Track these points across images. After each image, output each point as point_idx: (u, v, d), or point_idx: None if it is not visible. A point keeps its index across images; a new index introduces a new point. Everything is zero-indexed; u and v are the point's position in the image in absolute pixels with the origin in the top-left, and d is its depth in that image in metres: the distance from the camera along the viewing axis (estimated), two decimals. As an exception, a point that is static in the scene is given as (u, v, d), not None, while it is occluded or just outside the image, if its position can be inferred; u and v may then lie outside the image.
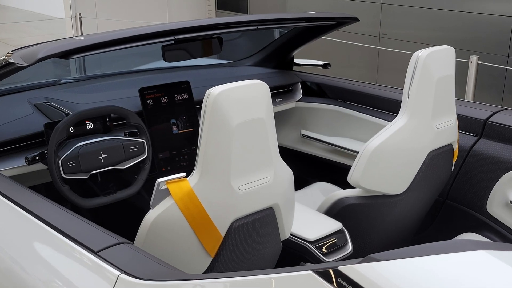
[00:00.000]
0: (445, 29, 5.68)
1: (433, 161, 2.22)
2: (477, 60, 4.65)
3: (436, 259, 1.08)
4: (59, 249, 1.52)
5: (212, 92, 1.57)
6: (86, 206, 2.12)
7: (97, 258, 1.41)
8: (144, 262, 1.41)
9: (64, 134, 2.08)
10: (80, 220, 1.60)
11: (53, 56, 1.90)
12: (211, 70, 3.11)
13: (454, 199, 2.54)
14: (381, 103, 2.80)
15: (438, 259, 1.08)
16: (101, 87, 2.72)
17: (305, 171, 3.17)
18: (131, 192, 2.21)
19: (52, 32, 9.93)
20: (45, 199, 1.73)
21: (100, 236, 1.51)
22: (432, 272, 1.06)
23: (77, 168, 2.07)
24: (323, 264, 1.21)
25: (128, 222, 2.11)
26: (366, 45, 6.19)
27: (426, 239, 2.59)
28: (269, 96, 1.68)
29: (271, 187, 1.72)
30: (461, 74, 4.30)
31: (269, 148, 1.68)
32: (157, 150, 2.48)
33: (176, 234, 1.64)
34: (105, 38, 2.00)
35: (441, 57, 2.14)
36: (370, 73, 6.43)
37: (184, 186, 1.61)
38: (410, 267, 1.08)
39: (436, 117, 2.18)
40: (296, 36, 3.01)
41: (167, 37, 2.15)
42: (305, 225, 2.18)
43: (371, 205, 2.22)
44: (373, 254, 1.12)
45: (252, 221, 1.71)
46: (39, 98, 2.47)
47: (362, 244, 2.28)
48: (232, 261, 1.72)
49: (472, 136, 2.50)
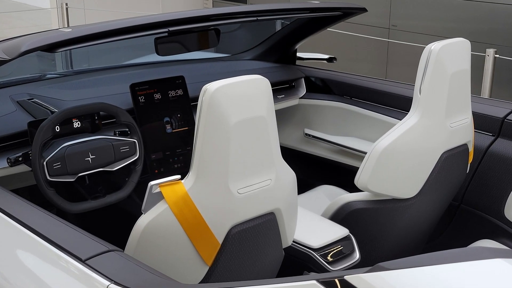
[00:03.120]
0: (459, 20, 5.68)
1: (446, 162, 2.22)
2: (494, 53, 4.65)
3: (450, 268, 1.08)
4: (44, 258, 1.52)
5: (209, 88, 1.57)
6: (73, 211, 2.12)
7: (85, 267, 1.41)
8: (135, 271, 1.41)
9: (49, 134, 2.08)
10: (66, 226, 1.60)
11: (37, 50, 1.90)
12: (208, 65, 3.12)
13: (470, 203, 2.54)
14: (391, 100, 2.81)
15: (452, 268, 1.08)
16: (89, 82, 2.73)
17: (309, 173, 3.17)
18: (121, 196, 2.21)
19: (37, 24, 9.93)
20: (28, 204, 1.73)
21: (88, 244, 1.51)
22: (445, 282, 1.06)
23: (63, 170, 2.07)
24: (328, 273, 1.21)
25: (118, 228, 2.11)
26: (375, 37, 6.19)
27: (439, 246, 2.60)
28: (270, 93, 1.68)
29: (272, 190, 1.72)
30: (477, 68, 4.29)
31: (270, 148, 1.68)
32: (150, 151, 2.48)
33: (170, 241, 1.64)
34: (94, 30, 2.00)
35: (456, 50, 2.14)
36: (379, 68, 6.43)
37: (178, 190, 1.61)
38: (422, 277, 1.08)
39: (450, 115, 2.18)
40: (299, 28, 3.01)
41: (160, 28, 2.16)
42: (309, 232, 2.18)
43: (380, 210, 2.22)
44: (382, 262, 1.13)
45: (251, 227, 1.71)
46: (23, 95, 2.47)
47: (370, 252, 2.28)
48: (230, 270, 1.72)
49: (488, 135, 2.50)
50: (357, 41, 6.35)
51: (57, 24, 7.69)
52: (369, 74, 4.13)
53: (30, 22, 10.26)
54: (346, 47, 6.54)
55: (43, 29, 2.38)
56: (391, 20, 6.28)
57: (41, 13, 9.73)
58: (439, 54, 2.08)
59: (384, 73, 6.39)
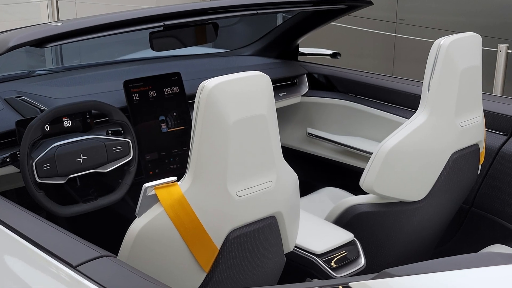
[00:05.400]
0: (470, 14, 5.68)
1: (456, 163, 2.22)
2: (507, 49, 4.65)
3: (460, 274, 1.08)
4: (32, 263, 1.52)
5: (206, 85, 1.57)
6: (63, 215, 2.12)
7: (76, 274, 1.41)
8: (129, 277, 1.41)
9: (38, 133, 2.08)
10: (56, 230, 1.60)
11: (26, 45, 1.90)
12: (205, 61, 3.12)
13: (481, 207, 2.54)
14: (398, 97, 2.81)
15: (463, 275, 1.08)
16: (81, 79, 2.73)
17: (311, 175, 3.17)
18: (114, 198, 2.21)
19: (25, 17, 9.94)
20: (16, 207, 1.73)
21: (79, 249, 1.51)
22: (455, 289, 1.06)
23: (53, 171, 2.07)
24: (332, 280, 1.21)
25: (111, 232, 2.11)
26: (381, 31, 6.19)
27: (449, 251, 2.60)
28: (271, 90, 1.68)
29: (273, 193, 1.72)
30: (489, 64, 4.29)
31: (271, 148, 1.68)
32: (144, 151, 2.48)
33: (166, 246, 1.64)
34: (85, 24, 2.00)
35: (466, 45, 2.14)
36: (385, 64, 6.44)
37: (174, 192, 1.61)
38: (430, 284, 1.08)
39: (460, 113, 2.18)
40: (302, 22, 3.01)
41: (155, 22, 2.16)
42: (311, 236, 2.18)
43: (387, 214, 2.22)
44: (388, 269, 1.13)
45: (251, 231, 1.71)
46: (10, 92, 2.47)
47: (376, 258, 2.28)
48: (229, 277, 1.72)
49: (501, 135, 2.50)
50: (363, 35, 6.35)
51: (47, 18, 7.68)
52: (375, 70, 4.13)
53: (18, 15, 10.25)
54: (350, 42, 6.54)
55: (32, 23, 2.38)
56: (398, 14, 6.28)
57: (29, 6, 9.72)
58: (448, 50, 2.09)
59: (390, 69, 6.39)
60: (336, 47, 3.59)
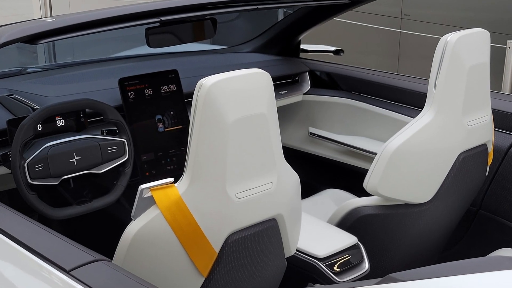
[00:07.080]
0: (478, 9, 5.68)
1: (464, 164, 2.22)
2: (516, 45, 4.65)
3: (467, 279, 1.08)
4: (24, 268, 1.52)
5: (205, 83, 1.57)
6: (56, 217, 2.12)
7: (69, 278, 1.41)
8: (124, 282, 1.41)
9: (30, 133, 2.08)
10: (49, 233, 1.60)
11: (17, 41, 1.90)
12: (203, 57, 3.12)
13: (489, 209, 2.54)
14: (403, 96, 2.81)
15: (470, 279, 1.08)
16: (74, 77, 2.73)
17: (313, 176, 3.17)
18: (109, 200, 2.21)
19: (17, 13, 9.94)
20: (8, 209, 1.73)
21: (73, 253, 1.51)
22: (463, 294, 1.06)
23: (45, 172, 2.07)
24: (335, 285, 1.21)
25: (106, 235, 2.11)
26: (386, 27, 6.19)
27: (456, 255, 2.60)
28: (271, 88, 1.68)
29: (274, 194, 1.72)
30: (497, 61, 4.29)
31: (271, 148, 1.68)
32: (140, 151, 2.48)
33: (162, 250, 1.64)
34: (79, 20, 2.00)
35: (474, 42, 2.14)
36: (390, 61, 6.44)
37: (171, 194, 1.61)
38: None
39: (468, 112, 2.18)
40: (304, 17, 3.01)
41: (151, 18, 2.16)
42: (313, 240, 2.18)
43: (391, 216, 2.22)
44: (393, 273, 1.13)
45: (251, 234, 1.71)
46: (1, 90, 2.47)
47: (380, 262, 2.28)
48: (228, 282, 1.72)
49: (510, 134, 2.50)
50: (367, 31, 6.35)
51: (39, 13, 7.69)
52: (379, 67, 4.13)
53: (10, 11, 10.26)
54: (354, 38, 6.54)
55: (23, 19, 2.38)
56: (403, 9, 6.28)
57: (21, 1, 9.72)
58: (455, 46, 2.09)
59: (395, 66, 6.39)
60: (339, 43, 3.59)
